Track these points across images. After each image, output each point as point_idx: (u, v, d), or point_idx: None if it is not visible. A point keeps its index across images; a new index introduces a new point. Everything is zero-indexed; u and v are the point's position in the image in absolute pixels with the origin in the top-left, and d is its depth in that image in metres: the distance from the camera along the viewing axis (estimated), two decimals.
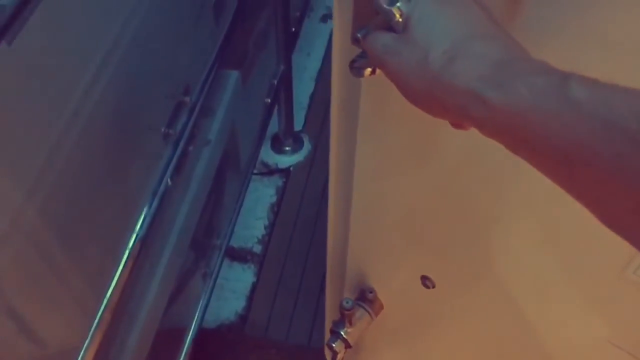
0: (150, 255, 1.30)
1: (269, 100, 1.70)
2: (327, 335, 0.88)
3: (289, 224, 1.99)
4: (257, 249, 1.92)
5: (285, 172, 2.12)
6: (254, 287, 1.83)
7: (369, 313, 0.85)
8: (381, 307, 0.88)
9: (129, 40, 0.99)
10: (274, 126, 2.12)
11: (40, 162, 0.79)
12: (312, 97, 2.33)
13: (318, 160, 2.15)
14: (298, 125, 2.22)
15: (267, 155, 2.14)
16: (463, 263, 0.78)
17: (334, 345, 0.83)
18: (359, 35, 0.49)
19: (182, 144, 1.07)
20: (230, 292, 1.80)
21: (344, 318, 0.82)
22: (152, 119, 1.03)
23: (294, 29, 1.92)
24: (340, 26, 0.59)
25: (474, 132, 0.43)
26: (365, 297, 0.85)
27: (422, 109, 0.46)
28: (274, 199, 2.05)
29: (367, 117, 0.67)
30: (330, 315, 1.01)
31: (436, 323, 0.91)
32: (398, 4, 0.46)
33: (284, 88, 1.88)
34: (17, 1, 0.68)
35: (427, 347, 0.96)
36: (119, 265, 1.04)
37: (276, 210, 2.02)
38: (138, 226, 1.01)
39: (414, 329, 0.95)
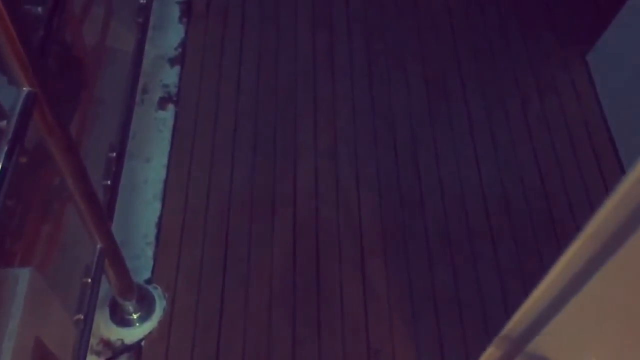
0: None
1: (83, 314, 1.14)
2: None
3: None
4: None
5: (135, 349, 1.56)
6: None
7: None
8: None
9: None
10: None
11: None
12: (160, 224, 1.78)
13: (179, 320, 1.61)
14: (145, 273, 1.67)
15: (108, 330, 1.57)
16: None
17: None
18: None
19: None
20: None
21: None
22: None
23: (112, 175, 1.36)
24: None
25: None
26: None
27: None
28: None
29: None
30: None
31: None
32: None
33: (110, 261, 1.32)
34: None
35: None
36: None
37: None
38: None
39: None
